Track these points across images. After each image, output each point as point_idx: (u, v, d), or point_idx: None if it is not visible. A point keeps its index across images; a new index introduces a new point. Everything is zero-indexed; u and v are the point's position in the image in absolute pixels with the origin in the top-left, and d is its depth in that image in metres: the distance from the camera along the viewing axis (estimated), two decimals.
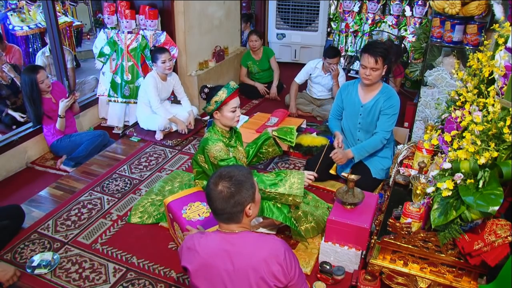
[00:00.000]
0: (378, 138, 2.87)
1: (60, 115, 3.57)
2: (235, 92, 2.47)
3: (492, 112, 1.65)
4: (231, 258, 1.57)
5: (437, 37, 3.09)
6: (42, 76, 3.44)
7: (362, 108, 2.93)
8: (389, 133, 2.88)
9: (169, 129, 3.95)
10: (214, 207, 1.60)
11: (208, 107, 2.46)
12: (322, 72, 4.29)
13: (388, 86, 2.92)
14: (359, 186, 2.50)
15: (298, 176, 2.37)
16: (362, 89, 2.94)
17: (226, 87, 2.43)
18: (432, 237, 1.86)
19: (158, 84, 3.82)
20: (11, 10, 5.24)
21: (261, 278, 1.53)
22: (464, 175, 1.65)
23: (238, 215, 1.60)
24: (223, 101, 2.41)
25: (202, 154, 2.50)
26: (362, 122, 2.96)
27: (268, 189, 2.32)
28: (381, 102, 2.85)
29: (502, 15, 2.45)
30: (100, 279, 2.35)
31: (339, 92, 3.10)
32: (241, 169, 1.65)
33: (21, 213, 2.76)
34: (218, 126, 2.52)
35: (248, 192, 1.59)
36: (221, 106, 2.43)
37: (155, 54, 3.76)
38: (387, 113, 2.85)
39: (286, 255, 1.57)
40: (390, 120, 2.86)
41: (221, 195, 1.56)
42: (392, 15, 5.37)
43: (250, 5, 6.68)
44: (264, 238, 1.64)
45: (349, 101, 3.00)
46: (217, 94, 2.40)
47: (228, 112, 2.45)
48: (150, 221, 2.79)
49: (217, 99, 2.41)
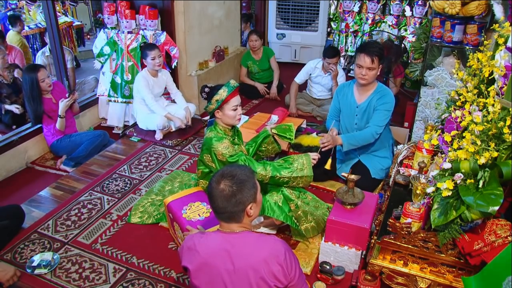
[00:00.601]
0: (369, 131, 2.84)
1: (60, 115, 3.57)
2: (236, 90, 2.47)
3: (492, 112, 1.65)
4: (231, 258, 1.57)
5: (437, 37, 3.09)
6: (43, 75, 3.44)
7: (357, 108, 2.93)
8: (381, 128, 2.84)
9: (168, 128, 3.95)
10: (216, 205, 1.60)
11: (209, 106, 2.46)
12: (322, 72, 4.29)
13: (382, 86, 2.92)
14: (359, 186, 2.50)
15: (305, 157, 2.52)
16: (358, 90, 2.94)
17: (226, 85, 2.44)
18: (432, 237, 1.86)
19: (149, 81, 3.82)
20: (11, 10, 5.25)
21: (261, 278, 1.53)
22: (464, 175, 1.65)
23: (239, 215, 1.60)
24: (224, 100, 2.41)
25: (209, 153, 2.49)
26: (358, 123, 2.97)
27: (283, 174, 2.43)
28: (374, 100, 2.86)
29: (502, 15, 2.45)
30: (100, 279, 2.35)
31: (336, 93, 3.11)
32: (244, 168, 1.66)
33: (21, 213, 2.76)
34: (220, 125, 2.52)
35: (249, 191, 1.59)
36: (222, 105, 2.44)
37: (145, 51, 3.77)
38: (380, 108, 2.84)
39: (286, 255, 1.57)
40: (383, 115, 2.84)
41: (222, 193, 1.56)
42: (392, 15, 5.37)
43: (250, 5, 6.67)
44: (265, 238, 1.64)
45: (345, 102, 3.00)
46: (218, 93, 2.41)
47: (229, 110, 2.45)
48: (150, 221, 2.79)
49: (218, 98, 2.41)
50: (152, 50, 3.73)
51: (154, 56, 3.74)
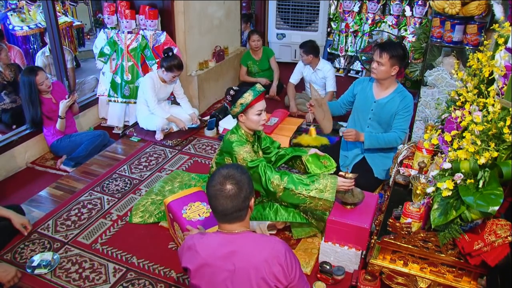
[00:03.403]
0: (394, 136, 2.88)
1: (60, 116, 3.57)
2: (262, 95, 2.42)
3: (492, 112, 1.65)
4: (232, 258, 1.57)
5: (437, 37, 3.09)
6: (42, 78, 3.43)
7: (375, 103, 2.94)
8: (405, 133, 2.90)
9: (169, 129, 3.95)
10: (223, 207, 1.59)
11: (233, 109, 2.41)
12: (310, 68, 4.41)
13: (403, 88, 2.93)
14: (362, 186, 2.50)
15: (331, 180, 2.30)
16: (377, 86, 2.97)
17: (252, 89, 2.38)
18: (432, 237, 1.86)
19: (156, 84, 3.81)
20: (11, 10, 5.24)
21: (262, 278, 1.53)
22: (464, 175, 1.65)
23: (245, 211, 1.63)
24: (249, 104, 2.37)
25: (230, 156, 2.43)
26: (372, 118, 2.97)
27: (298, 190, 2.28)
28: (397, 101, 2.85)
29: (502, 15, 2.45)
30: (100, 279, 2.35)
31: (353, 84, 3.13)
32: (234, 165, 1.69)
33: (21, 213, 2.76)
34: (242, 129, 2.47)
35: (250, 184, 1.64)
36: (246, 109, 2.38)
37: (171, 67, 3.68)
38: (402, 114, 2.86)
39: (287, 255, 1.57)
40: (406, 120, 2.88)
41: (230, 193, 1.58)
42: (392, 15, 5.37)
43: (250, 5, 6.67)
44: (265, 238, 1.64)
45: (362, 95, 3.03)
46: (243, 96, 2.36)
47: (253, 115, 2.40)
48: (151, 220, 2.79)
49: (242, 101, 2.36)
50: (179, 71, 3.74)
51: (175, 76, 3.77)
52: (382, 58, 2.75)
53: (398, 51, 2.76)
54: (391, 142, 2.89)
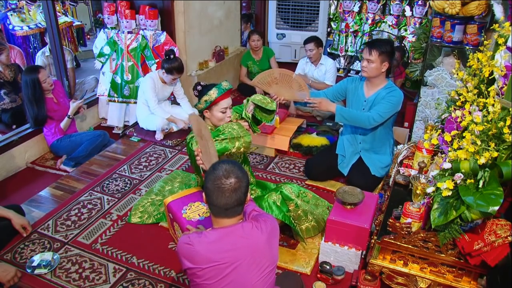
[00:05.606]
0: (367, 115, 2.84)
1: (69, 115, 3.59)
2: (227, 92, 2.44)
3: (492, 112, 1.65)
4: (233, 249, 1.59)
5: (437, 37, 3.09)
6: (44, 76, 3.44)
7: (365, 102, 2.95)
8: (380, 117, 2.82)
9: (169, 129, 3.95)
10: (227, 201, 1.60)
11: (198, 105, 2.46)
12: (312, 65, 4.44)
13: (393, 84, 2.94)
14: (360, 186, 2.50)
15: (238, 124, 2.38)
16: (367, 85, 2.98)
17: (217, 87, 2.40)
18: (432, 237, 1.86)
19: (157, 85, 3.81)
20: (11, 10, 5.24)
21: (264, 258, 1.65)
22: (464, 175, 1.65)
23: (244, 205, 1.67)
24: (213, 101, 2.39)
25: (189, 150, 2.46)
26: None
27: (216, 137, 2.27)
28: (383, 94, 2.86)
29: (502, 15, 2.45)
30: (100, 279, 2.35)
31: (346, 80, 3.12)
32: (226, 161, 1.70)
33: (21, 213, 2.75)
34: (208, 124, 2.50)
35: (247, 178, 1.68)
36: (211, 106, 2.42)
37: (171, 69, 3.67)
38: (384, 102, 2.84)
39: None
40: (386, 106, 2.82)
41: (236, 185, 1.60)
42: (392, 15, 5.37)
43: (250, 5, 6.67)
44: (257, 222, 1.70)
45: (354, 94, 3.03)
46: (208, 93, 2.38)
47: (217, 112, 2.43)
48: (150, 221, 2.79)
49: (207, 98, 2.39)
50: (179, 73, 3.74)
51: (176, 78, 3.77)
52: (372, 55, 2.76)
53: (387, 47, 2.77)
54: (362, 121, 2.84)
